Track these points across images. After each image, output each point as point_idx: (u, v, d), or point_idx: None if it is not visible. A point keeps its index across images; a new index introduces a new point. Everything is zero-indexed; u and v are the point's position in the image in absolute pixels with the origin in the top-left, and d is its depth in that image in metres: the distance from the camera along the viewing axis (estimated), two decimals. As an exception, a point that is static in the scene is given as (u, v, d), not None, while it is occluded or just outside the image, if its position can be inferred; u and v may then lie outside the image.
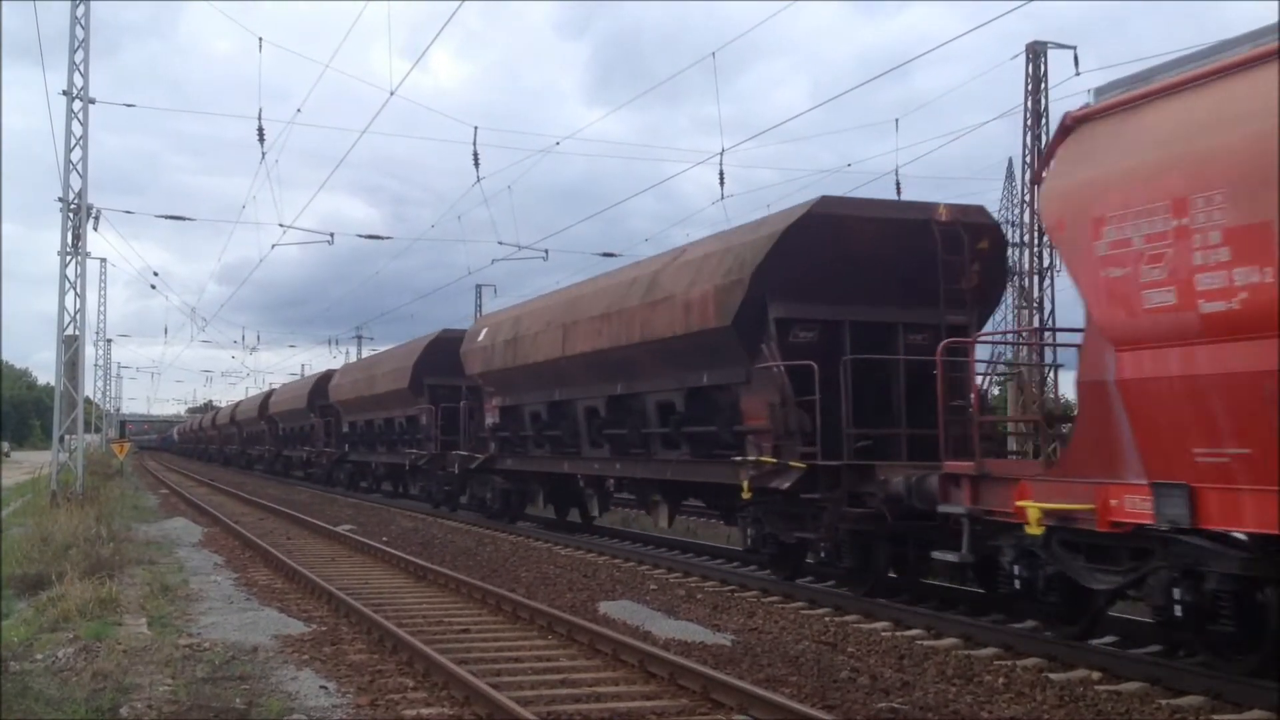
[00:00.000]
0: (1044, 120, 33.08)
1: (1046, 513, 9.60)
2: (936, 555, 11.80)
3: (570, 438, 21.10)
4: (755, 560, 16.20)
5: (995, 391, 37.71)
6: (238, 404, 76.02)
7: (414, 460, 31.08)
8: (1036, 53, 33.64)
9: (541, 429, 22.33)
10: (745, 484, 14.42)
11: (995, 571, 11.07)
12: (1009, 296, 37.20)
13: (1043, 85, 33.57)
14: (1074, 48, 33.68)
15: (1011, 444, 17.56)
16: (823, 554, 13.44)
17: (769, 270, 14.02)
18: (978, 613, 12.32)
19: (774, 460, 14.03)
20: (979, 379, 11.86)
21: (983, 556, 10.96)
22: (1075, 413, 9.86)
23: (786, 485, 13.67)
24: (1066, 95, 60.19)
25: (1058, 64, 35.91)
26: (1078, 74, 32.23)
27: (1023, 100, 33.84)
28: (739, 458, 14.99)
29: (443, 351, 29.72)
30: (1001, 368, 13.03)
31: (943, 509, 11.16)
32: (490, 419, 25.21)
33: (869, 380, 13.83)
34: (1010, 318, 37.77)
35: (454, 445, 28.04)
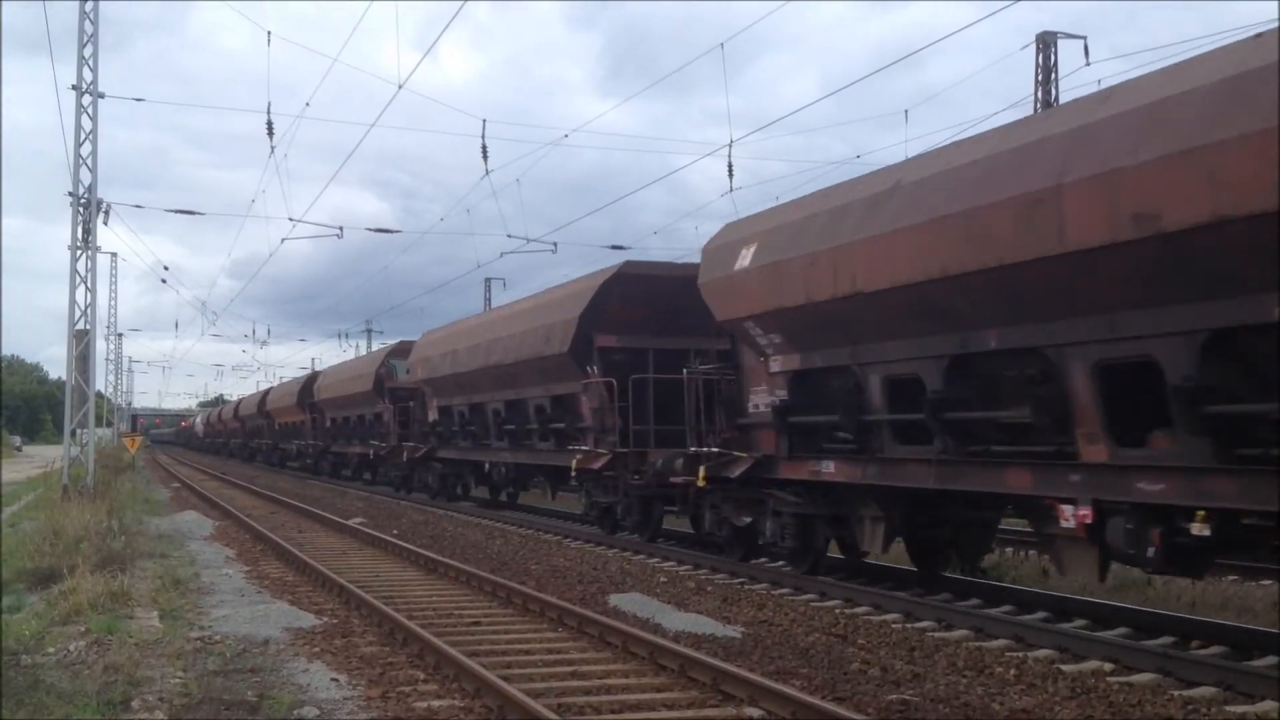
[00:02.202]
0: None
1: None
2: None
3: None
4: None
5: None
6: (240, 401, 79.65)
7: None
8: (1046, 43, 33.52)
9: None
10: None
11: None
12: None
13: (1053, 76, 33.45)
14: (1084, 38, 33.49)
15: None
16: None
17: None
18: (957, 597, 12.29)
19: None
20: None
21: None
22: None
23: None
24: (1077, 86, 60.00)
25: (1068, 54, 35.83)
26: (1088, 64, 32.28)
27: (1033, 91, 33.73)
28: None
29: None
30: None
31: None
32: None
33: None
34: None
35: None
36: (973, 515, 13.07)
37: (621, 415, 19.25)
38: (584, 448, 20.33)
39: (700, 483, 15.62)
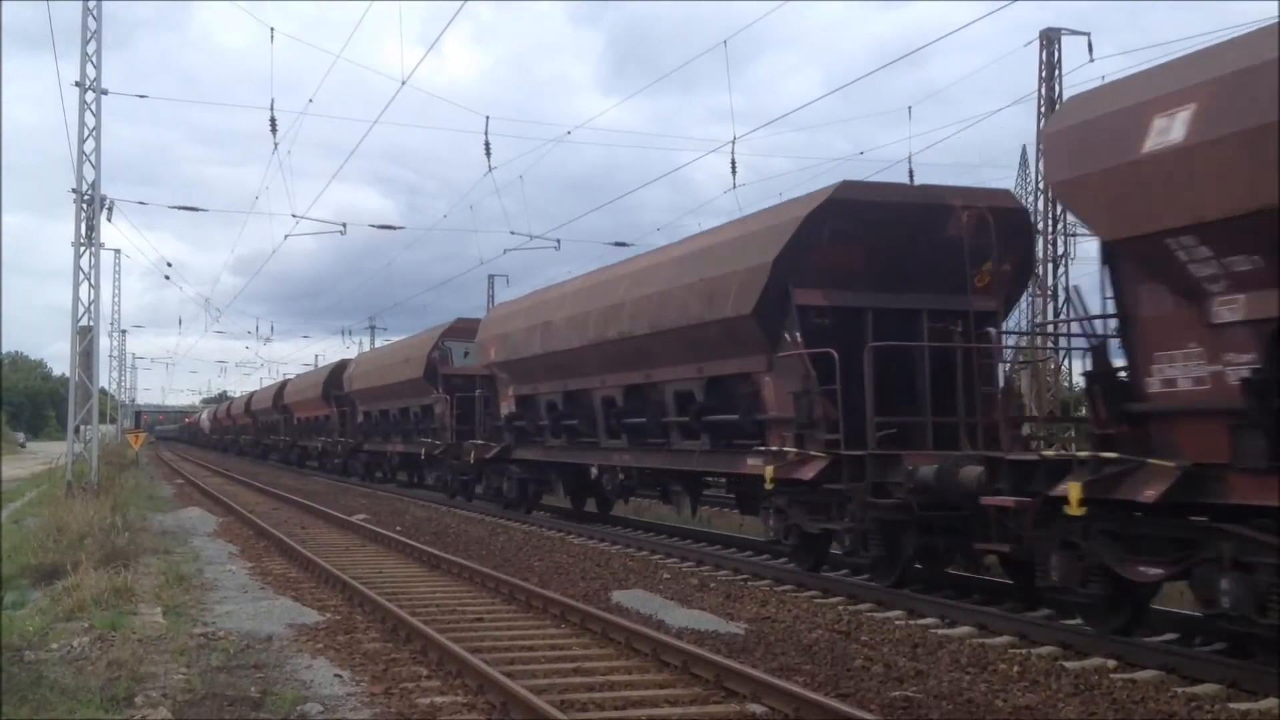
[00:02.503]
0: (1058, 107, 32.91)
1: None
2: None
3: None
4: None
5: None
6: (252, 395, 74.77)
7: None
8: (1050, 39, 33.51)
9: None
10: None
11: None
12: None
13: (1057, 72, 33.42)
14: (1088, 34, 33.47)
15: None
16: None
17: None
18: (1026, 608, 11.84)
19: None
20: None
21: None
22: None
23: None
24: (1081, 82, 59.93)
25: (1072, 50, 35.79)
26: (1091, 60, 32.24)
27: (1037, 87, 33.70)
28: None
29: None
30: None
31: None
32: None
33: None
34: (1025, 306, 37.66)
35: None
36: None
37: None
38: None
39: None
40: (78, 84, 26.65)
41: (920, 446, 13.30)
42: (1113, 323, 9.73)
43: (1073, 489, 9.51)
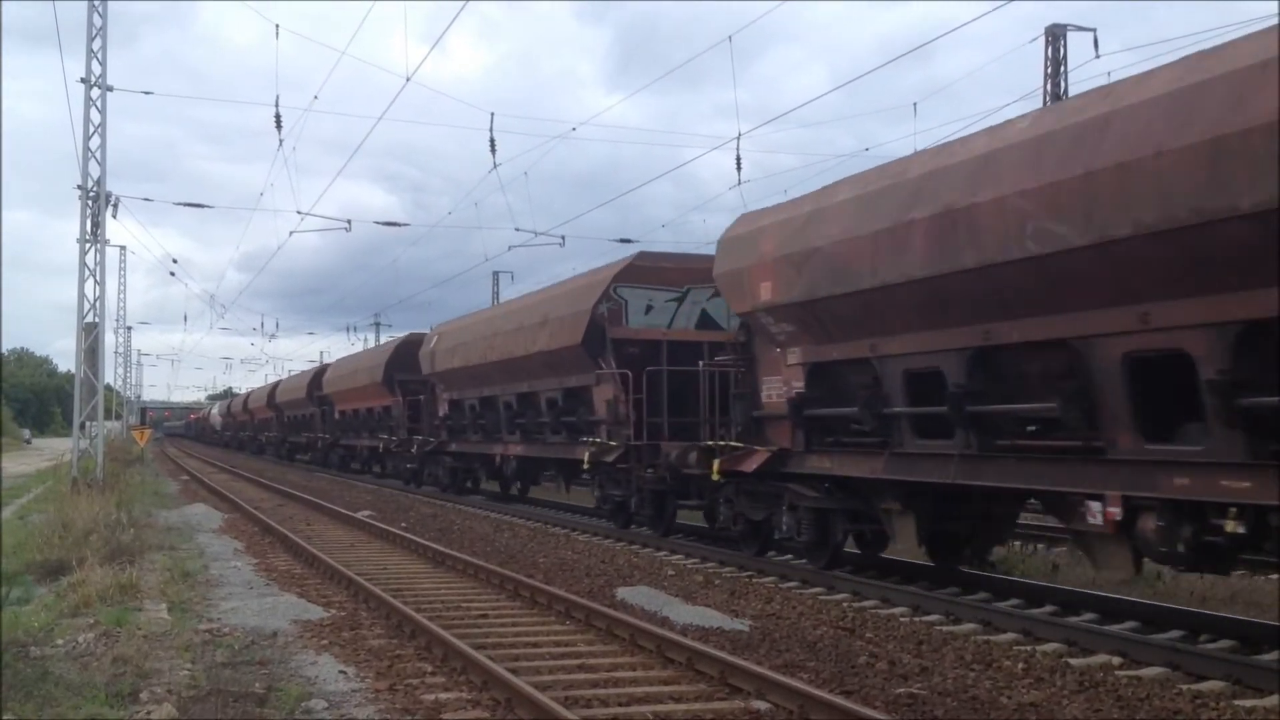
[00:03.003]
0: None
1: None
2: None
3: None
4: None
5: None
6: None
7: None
8: (1056, 35, 33.40)
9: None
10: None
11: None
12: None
13: (1062, 68, 33.33)
14: (1094, 30, 33.36)
15: None
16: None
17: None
18: (965, 591, 12.32)
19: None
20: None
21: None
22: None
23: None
24: (1086, 78, 59.76)
25: (1078, 47, 35.73)
26: (1097, 56, 32.00)
27: (1042, 84, 33.61)
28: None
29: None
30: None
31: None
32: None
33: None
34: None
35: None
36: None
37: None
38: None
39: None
40: (83, 80, 26.71)
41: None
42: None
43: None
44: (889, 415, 12.28)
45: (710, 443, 15.87)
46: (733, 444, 15.22)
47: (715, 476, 15.24)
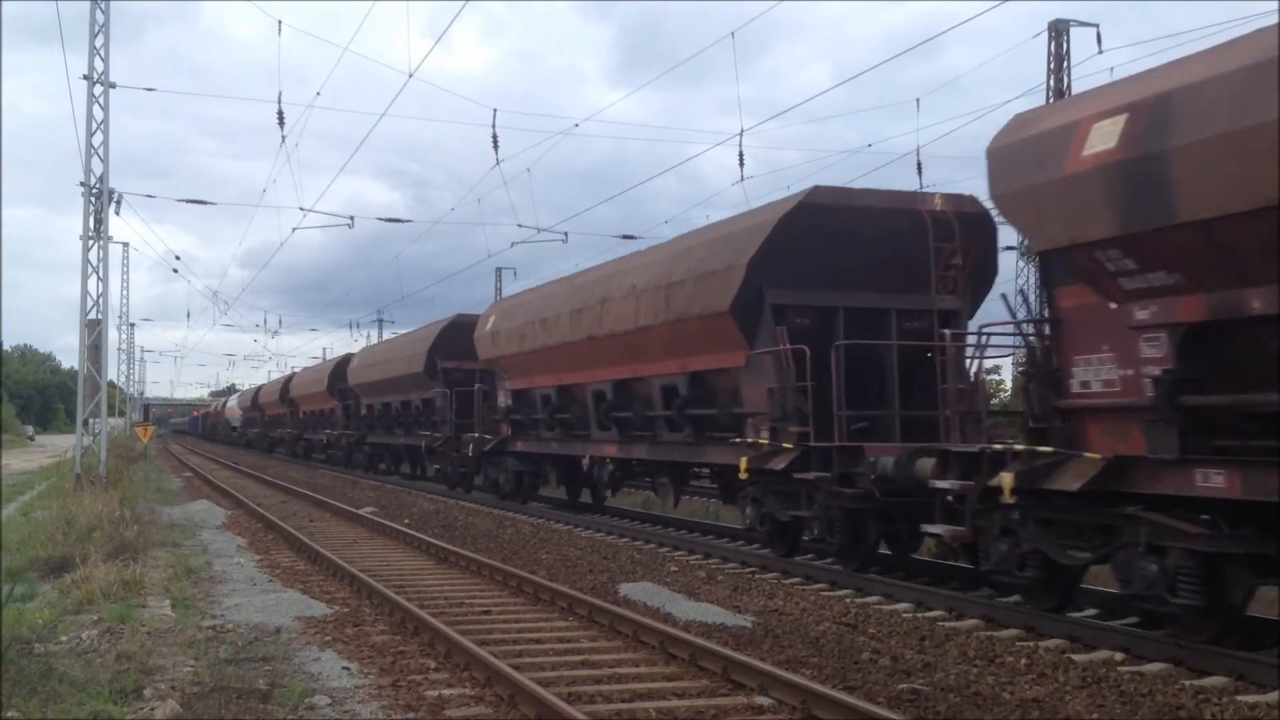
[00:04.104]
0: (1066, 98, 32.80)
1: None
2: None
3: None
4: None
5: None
6: (260, 388, 71.10)
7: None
8: (1059, 30, 33.39)
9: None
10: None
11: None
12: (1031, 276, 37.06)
13: (1065, 64, 33.31)
14: (1096, 26, 33.33)
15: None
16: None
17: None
18: (968, 587, 12.44)
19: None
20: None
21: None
22: None
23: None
24: (1089, 74, 59.67)
25: (1081, 42, 35.63)
26: (1100, 52, 32.01)
27: (1045, 79, 33.59)
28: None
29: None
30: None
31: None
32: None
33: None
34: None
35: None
36: None
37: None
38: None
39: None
40: (86, 77, 26.71)
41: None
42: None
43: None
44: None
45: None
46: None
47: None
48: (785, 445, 14.16)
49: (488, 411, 27.24)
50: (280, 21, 25.61)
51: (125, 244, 66.47)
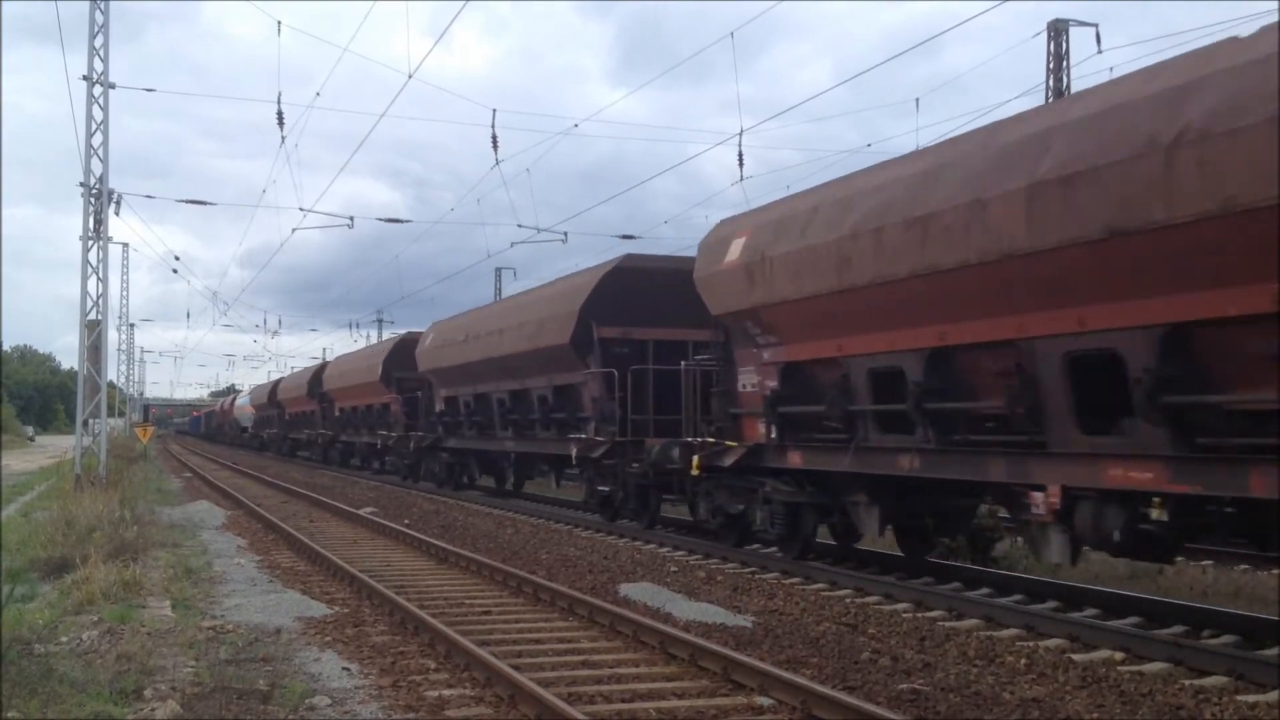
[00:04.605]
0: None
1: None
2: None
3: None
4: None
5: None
6: (278, 381, 67.72)
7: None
8: (1058, 30, 33.38)
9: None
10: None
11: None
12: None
13: (1065, 63, 33.30)
14: (1095, 25, 33.34)
15: None
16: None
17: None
18: (969, 587, 12.29)
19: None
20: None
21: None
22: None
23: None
24: (1089, 74, 59.60)
25: (1080, 42, 35.58)
26: (1099, 52, 31.99)
27: (1045, 79, 33.57)
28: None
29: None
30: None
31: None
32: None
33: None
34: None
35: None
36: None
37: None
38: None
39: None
40: (85, 78, 26.70)
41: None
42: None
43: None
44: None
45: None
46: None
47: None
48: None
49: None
50: (280, 22, 25.61)
51: (125, 244, 66.67)
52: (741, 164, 23.33)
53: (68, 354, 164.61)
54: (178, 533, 19.36)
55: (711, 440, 15.85)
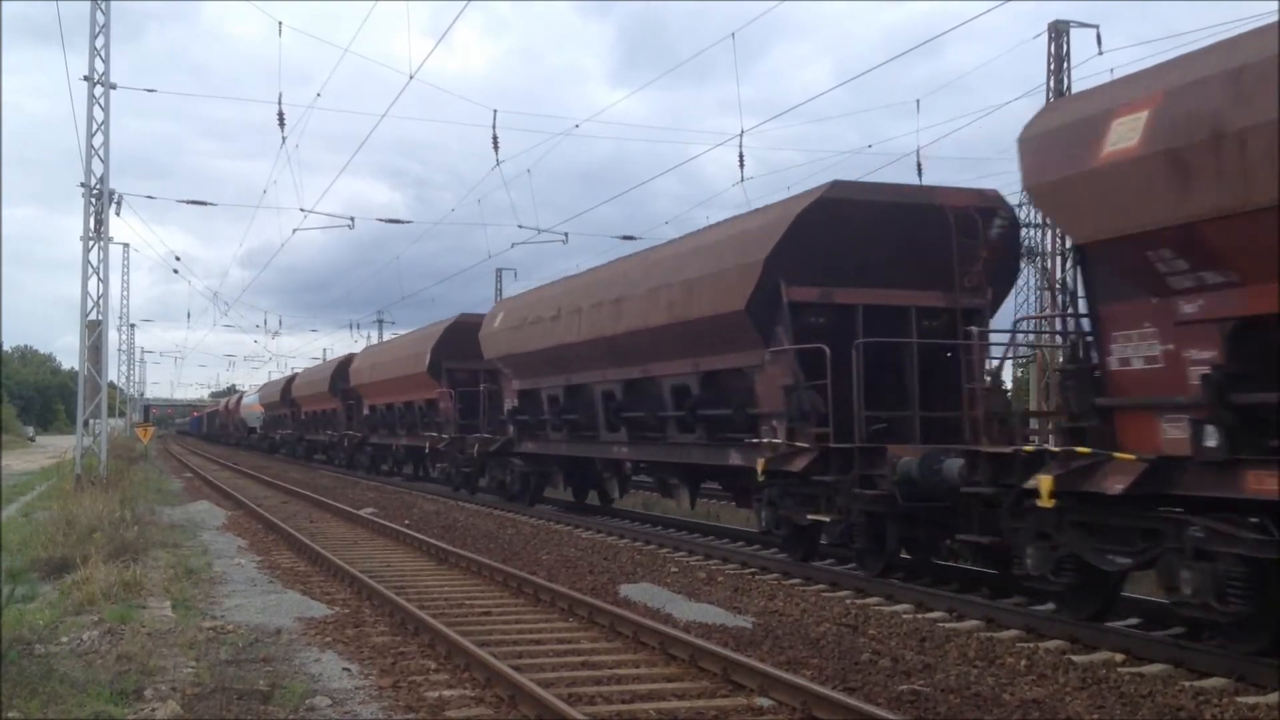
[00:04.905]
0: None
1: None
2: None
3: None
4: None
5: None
6: (293, 377, 61.80)
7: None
8: (1059, 31, 33.38)
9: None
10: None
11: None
12: (1031, 278, 37.08)
13: (1065, 64, 33.31)
14: (1096, 26, 33.34)
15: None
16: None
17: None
18: (999, 595, 12.29)
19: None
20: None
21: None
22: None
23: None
24: (1089, 75, 59.56)
25: (1082, 43, 35.58)
26: (1100, 53, 31.99)
27: (1045, 80, 33.58)
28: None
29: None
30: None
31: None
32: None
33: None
34: (1033, 299, 37.65)
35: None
36: None
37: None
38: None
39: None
40: (86, 78, 26.71)
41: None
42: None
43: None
44: None
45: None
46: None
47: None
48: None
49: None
50: (280, 23, 25.61)
51: (125, 245, 66.42)
52: (742, 165, 23.32)
53: (68, 354, 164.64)
54: (178, 533, 19.36)
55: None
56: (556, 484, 24.78)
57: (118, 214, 29.07)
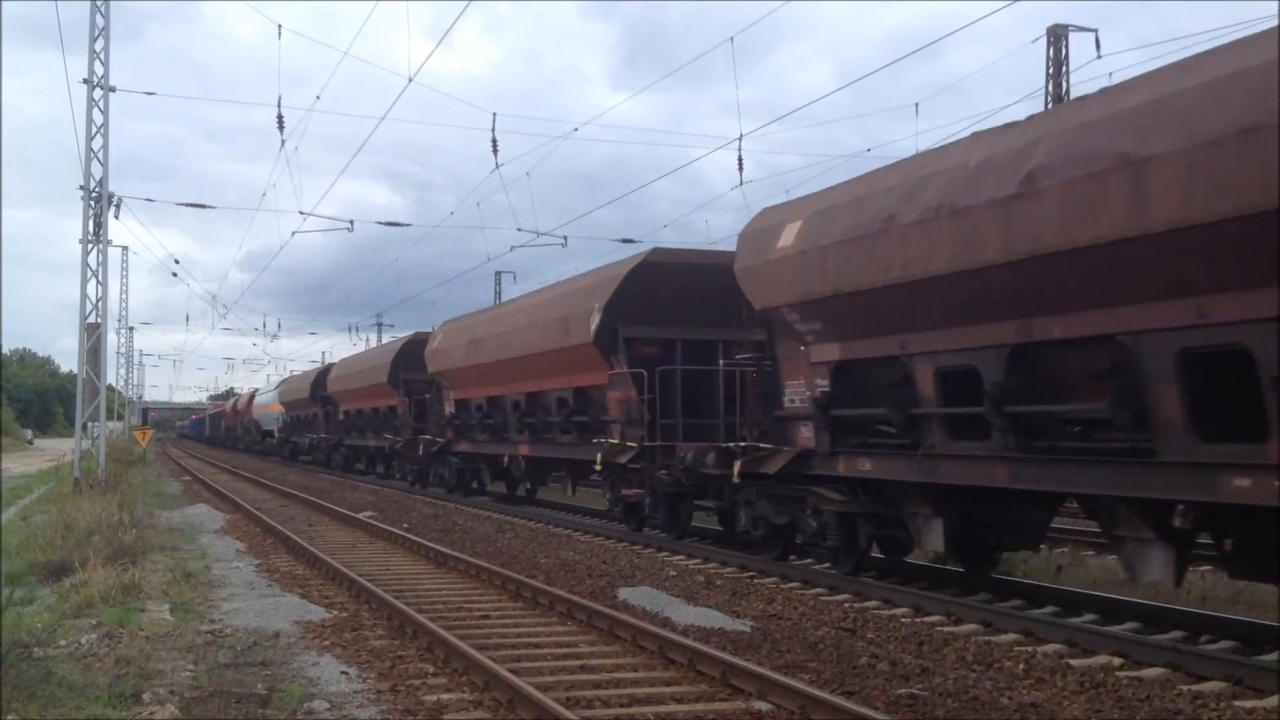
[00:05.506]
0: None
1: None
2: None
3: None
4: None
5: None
6: (327, 369, 52.83)
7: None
8: (1058, 35, 33.41)
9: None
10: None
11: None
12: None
13: (1064, 68, 33.34)
14: (1095, 30, 33.38)
15: None
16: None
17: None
18: (966, 593, 12.28)
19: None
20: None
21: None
22: None
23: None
24: (1088, 79, 59.68)
25: (1080, 47, 35.57)
26: (1099, 57, 32.00)
27: (1044, 84, 33.61)
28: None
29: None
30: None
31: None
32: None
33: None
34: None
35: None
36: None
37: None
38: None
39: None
40: (86, 81, 26.71)
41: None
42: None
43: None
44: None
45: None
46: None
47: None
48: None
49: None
50: (280, 25, 25.62)
51: (125, 247, 66.44)
52: (741, 168, 23.39)
53: (67, 357, 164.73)
54: (176, 536, 19.36)
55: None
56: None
57: (117, 217, 29.08)
